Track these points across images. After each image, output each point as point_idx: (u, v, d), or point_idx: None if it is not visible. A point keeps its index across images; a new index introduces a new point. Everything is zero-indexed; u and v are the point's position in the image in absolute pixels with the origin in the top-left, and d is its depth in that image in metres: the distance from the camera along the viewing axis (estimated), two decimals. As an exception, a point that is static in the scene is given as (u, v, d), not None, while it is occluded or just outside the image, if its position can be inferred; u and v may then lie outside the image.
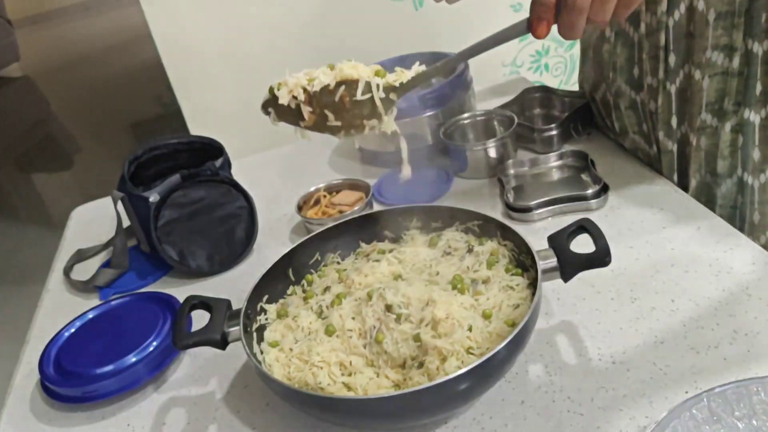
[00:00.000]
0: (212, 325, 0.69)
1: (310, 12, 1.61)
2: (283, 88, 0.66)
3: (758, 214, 0.86)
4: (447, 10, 1.50)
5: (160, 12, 1.51)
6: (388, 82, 0.64)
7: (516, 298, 0.69)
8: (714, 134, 0.84)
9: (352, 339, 0.68)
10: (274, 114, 0.68)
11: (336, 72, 0.65)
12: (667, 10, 0.82)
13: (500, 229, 0.76)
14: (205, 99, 1.63)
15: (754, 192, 0.84)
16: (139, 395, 0.78)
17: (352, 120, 0.65)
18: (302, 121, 0.67)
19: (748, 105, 0.80)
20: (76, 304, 0.98)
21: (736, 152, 0.84)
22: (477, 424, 0.65)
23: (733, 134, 0.83)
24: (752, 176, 0.84)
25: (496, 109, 1.14)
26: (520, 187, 0.99)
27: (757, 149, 0.82)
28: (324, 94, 0.65)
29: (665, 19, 0.82)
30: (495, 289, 0.70)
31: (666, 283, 0.77)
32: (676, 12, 0.81)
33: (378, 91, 0.64)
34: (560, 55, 1.85)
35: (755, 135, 0.81)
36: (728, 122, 0.82)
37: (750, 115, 0.80)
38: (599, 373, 0.67)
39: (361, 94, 0.64)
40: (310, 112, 0.66)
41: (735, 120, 0.82)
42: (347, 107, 0.65)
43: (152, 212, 0.94)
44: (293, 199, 1.05)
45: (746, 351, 0.66)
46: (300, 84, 0.65)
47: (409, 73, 0.65)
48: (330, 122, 0.66)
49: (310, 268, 0.81)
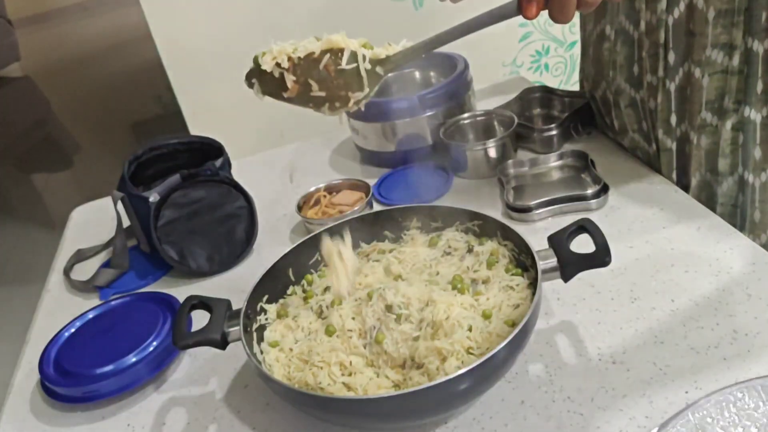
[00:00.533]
0: (212, 325, 0.69)
1: (310, 12, 1.61)
2: (266, 55, 0.65)
3: (759, 212, 0.86)
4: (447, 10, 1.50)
5: (160, 12, 1.51)
6: (375, 54, 0.63)
7: (516, 298, 0.69)
8: (714, 132, 0.84)
9: (352, 339, 0.68)
10: (258, 85, 0.66)
11: (323, 41, 0.64)
12: (667, 8, 0.82)
13: (500, 229, 0.76)
14: (205, 99, 1.63)
15: (755, 190, 0.84)
16: (139, 395, 0.78)
17: (337, 91, 0.64)
18: (285, 92, 0.65)
19: (749, 103, 0.80)
20: (76, 304, 0.98)
21: (737, 150, 0.84)
22: (477, 424, 0.65)
23: (734, 132, 0.83)
24: (753, 174, 0.84)
25: (496, 109, 1.14)
26: (520, 187, 0.99)
27: (758, 148, 0.82)
28: (309, 64, 0.63)
29: (665, 17, 0.82)
30: (495, 289, 0.70)
31: (666, 283, 0.76)
32: (675, 10, 0.81)
33: (364, 62, 0.63)
34: (560, 55, 1.85)
35: (756, 133, 0.81)
36: (729, 120, 0.82)
37: (751, 113, 0.80)
38: (599, 373, 0.67)
39: (346, 63, 0.62)
40: (293, 81, 0.64)
41: (736, 118, 0.82)
42: (332, 77, 0.63)
43: (152, 212, 0.94)
44: (293, 199, 1.05)
45: (746, 351, 0.66)
46: (285, 51, 0.64)
47: (397, 48, 0.64)
48: (314, 92, 0.64)
49: (310, 268, 0.81)
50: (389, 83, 1.28)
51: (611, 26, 0.93)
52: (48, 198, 3.59)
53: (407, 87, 1.28)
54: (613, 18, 0.92)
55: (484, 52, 1.70)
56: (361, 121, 1.14)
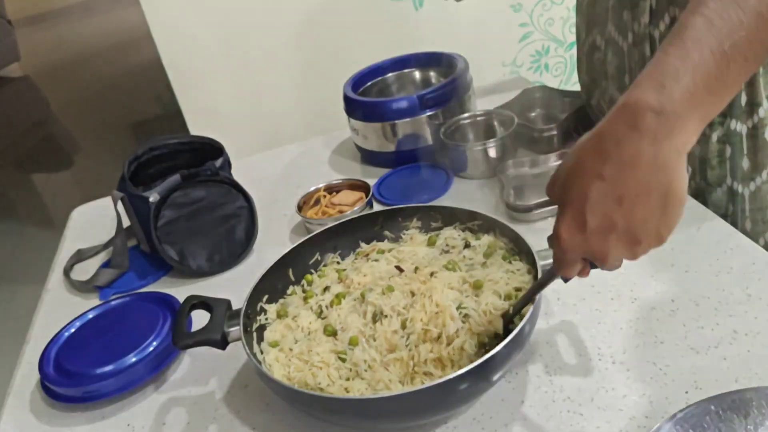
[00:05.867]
0: (212, 325, 0.69)
1: (310, 12, 1.61)
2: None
3: (750, 221, 0.86)
4: (447, 10, 1.50)
5: (160, 12, 1.51)
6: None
7: (517, 281, 0.69)
8: (705, 142, 0.84)
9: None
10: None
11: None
12: (651, 21, 0.82)
13: (500, 228, 0.76)
14: (205, 99, 1.63)
15: (744, 200, 0.85)
16: (139, 395, 0.78)
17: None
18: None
19: (734, 116, 0.81)
20: (76, 304, 0.98)
21: (724, 162, 0.84)
22: (477, 424, 0.65)
23: (720, 145, 0.83)
24: (742, 185, 0.84)
25: (496, 109, 1.14)
26: (520, 187, 0.99)
27: (746, 158, 0.82)
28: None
29: (649, 30, 0.83)
30: (494, 269, 0.71)
31: (666, 283, 0.76)
32: (661, 23, 0.82)
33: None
34: (560, 55, 1.85)
35: (743, 144, 0.81)
36: (715, 132, 0.83)
37: (736, 125, 0.81)
38: (599, 373, 0.67)
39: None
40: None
41: (721, 131, 0.82)
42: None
43: (152, 212, 0.94)
44: (293, 199, 1.05)
45: (746, 351, 0.66)
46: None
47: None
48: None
49: (310, 268, 0.81)
50: (389, 83, 1.28)
51: (601, 37, 0.93)
52: (48, 198, 3.59)
53: (407, 87, 1.28)
54: (603, 29, 0.92)
55: (484, 52, 1.70)
56: (361, 121, 1.14)
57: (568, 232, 0.50)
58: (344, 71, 1.27)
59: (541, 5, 1.74)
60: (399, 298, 0.70)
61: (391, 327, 0.67)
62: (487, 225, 0.77)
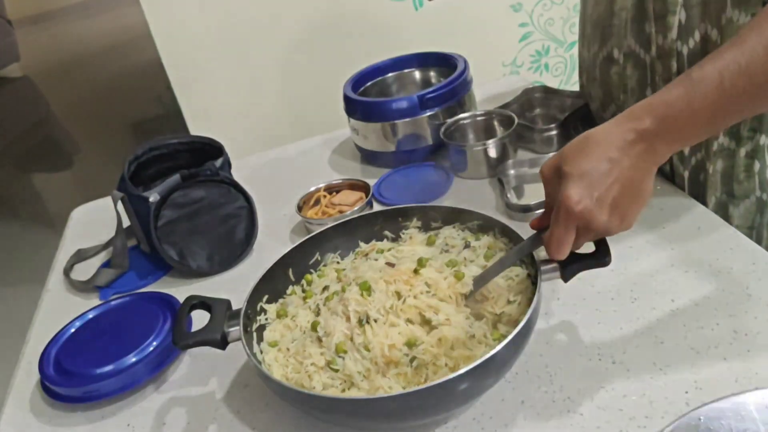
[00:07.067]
0: (212, 325, 0.69)
1: (310, 12, 1.61)
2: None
3: None
4: (447, 10, 1.50)
5: (160, 12, 1.51)
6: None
7: (516, 290, 0.69)
8: (731, 156, 0.84)
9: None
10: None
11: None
12: (679, 37, 0.81)
13: (500, 228, 0.76)
14: (205, 99, 1.64)
15: None
16: (139, 395, 0.78)
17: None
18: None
19: (764, 132, 0.81)
20: (76, 304, 0.98)
21: (752, 177, 0.84)
22: (477, 424, 0.65)
23: (748, 160, 0.83)
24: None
25: (496, 109, 1.14)
26: (520, 187, 0.99)
27: None
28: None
29: (677, 46, 0.82)
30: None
31: (666, 283, 0.76)
32: (690, 40, 0.81)
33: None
34: (560, 55, 1.85)
35: None
36: (743, 147, 0.83)
37: (767, 141, 0.81)
38: (599, 373, 0.67)
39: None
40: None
41: (750, 146, 0.82)
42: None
43: (152, 212, 0.94)
44: (293, 199, 1.05)
45: (746, 351, 0.66)
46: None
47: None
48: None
49: (310, 268, 0.81)
50: (389, 83, 1.28)
51: (619, 49, 0.91)
52: (48, 198, 3.59)
53: (407, 87, 1.28)
54: (621, 41, 0.90)
55: (484, 52, 1.70)
56: (361, 121, 1.14)
57: (579, 194, 0.59)
58: (344, 71, 1.27)
59: (541, 5, 1.74)
60: (383, 299, 0.68)
61: (389, 340, 0.65)
62: (486, 225, 0.77)
